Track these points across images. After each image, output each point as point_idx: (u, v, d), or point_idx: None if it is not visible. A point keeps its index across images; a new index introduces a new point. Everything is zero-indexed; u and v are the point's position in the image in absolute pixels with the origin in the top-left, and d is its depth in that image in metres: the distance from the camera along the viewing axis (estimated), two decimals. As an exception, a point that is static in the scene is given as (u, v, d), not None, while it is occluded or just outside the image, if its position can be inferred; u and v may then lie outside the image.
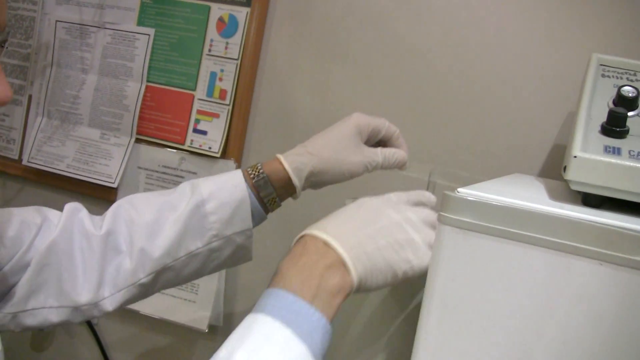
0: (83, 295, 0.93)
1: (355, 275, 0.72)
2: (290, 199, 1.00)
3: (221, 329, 1.42)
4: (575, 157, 0.70)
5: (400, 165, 1.01)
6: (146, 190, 1.42)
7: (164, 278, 0.96)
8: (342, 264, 0.71)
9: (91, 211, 0.99)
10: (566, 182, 0.72)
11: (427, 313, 0.67)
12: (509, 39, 1.16)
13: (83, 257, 0.94)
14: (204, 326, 1.38)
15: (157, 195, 1.00)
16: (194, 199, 0.95)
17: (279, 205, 1.00)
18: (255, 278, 1.37)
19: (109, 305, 0.94)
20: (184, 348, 1.47)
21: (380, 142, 1.02)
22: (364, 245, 0.73)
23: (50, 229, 0.95)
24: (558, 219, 0.60)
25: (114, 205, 0.99)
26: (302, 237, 0.76)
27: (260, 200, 0.97)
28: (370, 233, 0.75)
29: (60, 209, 0.90)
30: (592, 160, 0.69)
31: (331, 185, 0.99)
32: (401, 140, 1.02)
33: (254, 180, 0.96)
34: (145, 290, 0.96)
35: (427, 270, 0.73)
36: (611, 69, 0.87)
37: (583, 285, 0.60)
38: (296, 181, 0.96)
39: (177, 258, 0.94)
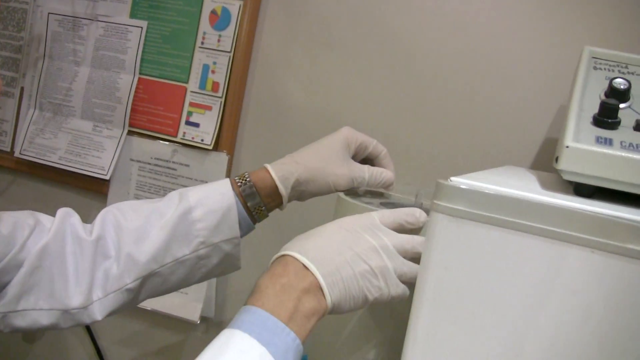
0: (74, 299, 0.93)
1: (330, 300, 0.74)
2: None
3: (213, 320, 1.43)
4: (567, 147, 0.70)
5: (386, 186, 1.02)
6: (139, 182, 1.42)
7: (150, 284, 0.96)
8: (319, 289, 0.74)
9: (83, 203, 0.99)
10: (558, 174, 0.73)
11: (420, 301, 0.67)
12: (500, 33, 1.16)
13: (75, 261, 0.95)
14: (195, 318, 1.39)
15: (145, 203, 1.00)
16: (182, 206, 0.95)
17: (266, 216, 1.01)
18: (247, 270, 1.37)
19: (98, 312, 0.94)
20: (176, 339, 1.48)
21: (367, 160, 1.04)
22: (341, 271, 0.75)
23: (43, 231, 0.95)
24: (551, 207, 0.61)
25: (103, 211, 1.00)
26: (282, 256, 0.77)
27: (248, 209, 0.98)
28: (348, 259, 0.76)
29: (53, 201, 0.90)
30: (584, 150, 0.70)
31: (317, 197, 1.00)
32: (388, 160, 1.03)
33: (240, 188, 0.97)
34: (133, 297, 0.96)
35: (395, 298, 0.77)
36: (603, 62, 0.88)
37: (575, 273, 0.60)
38: (282, 189, 0.97)
39: (163, 264, 0.94)
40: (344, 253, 0.76)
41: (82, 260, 0.95)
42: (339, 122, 1.25)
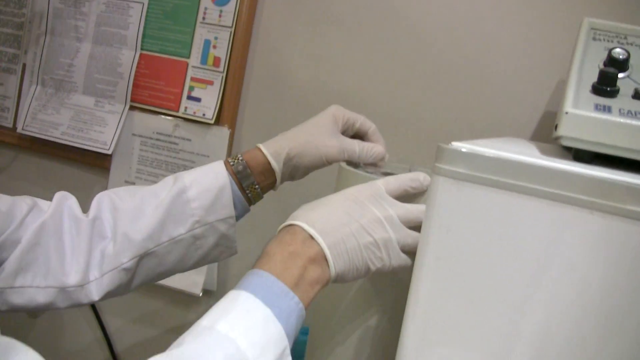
0: (70, 277, 0.94)
1: (334, 270, 0.76)
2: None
3: (215, 293, 1.44)
4: (566, 113, 0.71)
5: (379, 159, 1.03)
6: (141, 157, 1.43)
7: (147, 265, 0.97)
8: (324, 259, 0.76)
9: (85, 179, 1.00)
10: (557, 145, 0.74)
11: (421, 264, 0.68)
12: (500, 6, 1.17)
13: (72, 240, 0.95)
14: (198, 290, 1.40)
15: (140, 187, 1.01)
16: (176, 186, 0.96)
17: (261, 197, 1.02)
18: (249, 244, 1.39)
19: (95, 291, 0.95)
20: (178, 312, 1.49)
21: (357, 137, 1.05)
22: (346, 242, 0.77)
23: (41, 211, 0.96)
24: (551, 169, 0.62)
25: (98, 195, 1.00)
26: (290, 225, 0.78)
27: (242, 189, 0.99)
28: (353, 231, 0.78)
29: (56, 176, 0.91)
30: (583, 116, 0.71)
31: (312, 178, 1.01)
32: (378, 136, 1.04)
33: (233, 167, 0.98)
34: (129, 278, 0.96)
35: (397, 268, 0.80)
36: (602, 33, 0.89)
37: (574, 235, 0.61)
38: (274, 164, 0.98)
39: (159, 243, 0.95)
40: (349, 224, 0.78)
41: (79, 239, 0.96)
42: (340, 95, 1.27)
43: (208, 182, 0.96)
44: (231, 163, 0.99)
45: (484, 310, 0.66)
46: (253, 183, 0.99)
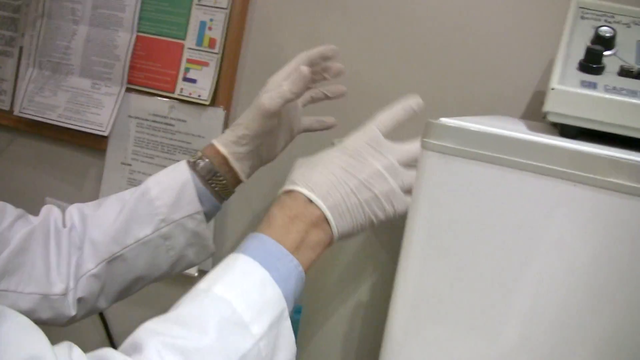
0: (55, 286, 0.94)
1: (337, 231, 0.78)
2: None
3: (211, 273, 1.45)
4: (552, 89, 0.73)
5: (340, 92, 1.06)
6: (137, 138, 1.44)
7: (116, 270, 0.96)
8: (326, 221, 0.77)
9: (82, 160, 1.01)
10: (546, 123, 0.75)
11: (410, 237, 0.70)
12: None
13: (57, 250, 0.96)
14: (194, 270, 1.42)
15: (107, 197, 1.02)
16: (140, 188, 0.97)
17: (232, 192, 1.02)
18: (244, 223, 1.40)
19: (71, 302, 0.95)
20: (174, 292, 1.49)
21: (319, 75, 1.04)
22: (347, 201, 0.78)
23: (29, 220, 0.97)
24: (535, 143, 0.64)
25: (69, 207, 1.01)
26: (291, 190, 0.79)
27: (207, 184, 0.98)
28: (353, 188, 0.79)
29: (53, 158, 0.92)
30: (569, 92, 0.73)
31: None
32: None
33: (194, 162, 0.98)
34: (100, 285, 0.97)
35: (401, 214, 0.80)
36: (590, 11, 0.90)
37: (560, 208, 0.63)
38: (225, 153, 0.98)
39: (125, 246, 0.95)
40: (349, 182, 0.79)
41: (61, 250, 0.96)
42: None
43: (169, 179, 0.97)
44: (191, 160, 0.99)
45: (473, 286, 0.67)
46: (217, 176, 0.98)
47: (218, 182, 0.98)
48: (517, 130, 0.69)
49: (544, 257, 0.64)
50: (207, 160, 0.98)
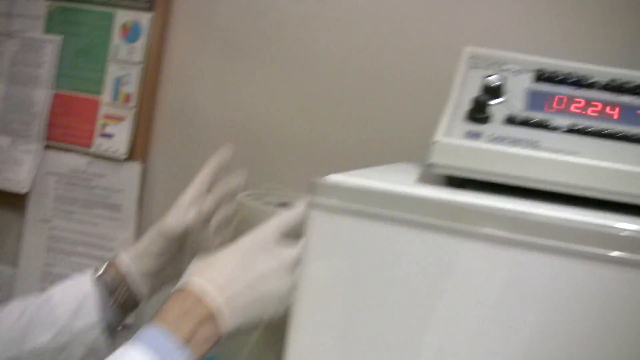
0: None
1: (229, 326, 0.77)
2: None
3: (133, 327, 1.42)
4: (434, 142, 0.74)
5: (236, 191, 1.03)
6: (56, 195, 1.42)
7: None
8: (219, 316, 0.76)
9: (2, 219, 0.99)
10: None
11: (300, 300, 0.70)
12: (388, 34, 1.21)
13: None
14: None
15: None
16: (44, 294, 0.96)
17: (139, 300, 1.00)
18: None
19: None
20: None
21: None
22: (242, 297, 0.78)
23: None
24: (407, 196, 0.64)
25: None
26: (186, 283, 0.79)
27: (113, 294, 0.97)
28: (248, 284, 0.79)
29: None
30: (451, 144, 0.74)
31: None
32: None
33: (99, 274, 0.97)
34: None
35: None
36: (481, 61, 0.92)
37: (443, 261, 0.64)
38: (123, 267, 0.98)
39: (22, 350, 0.93)
40: (243, 278, 0.79)
41: None
42: (248, 128, 1.28)
43: (72, 288, 0.96)
44: (96, 272, 0.98)
45: (365, 344, 0.67)
46: (122, 286, 0.98)
47: (125, 293, 0.98)
48: (403, 182, 0.69)
49: (440, 309, 0.64)
50: (108, 273, 0.97)
